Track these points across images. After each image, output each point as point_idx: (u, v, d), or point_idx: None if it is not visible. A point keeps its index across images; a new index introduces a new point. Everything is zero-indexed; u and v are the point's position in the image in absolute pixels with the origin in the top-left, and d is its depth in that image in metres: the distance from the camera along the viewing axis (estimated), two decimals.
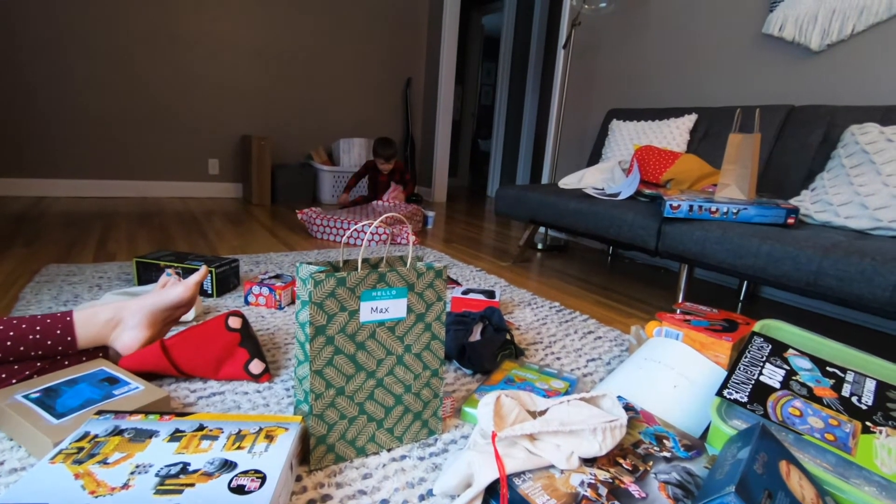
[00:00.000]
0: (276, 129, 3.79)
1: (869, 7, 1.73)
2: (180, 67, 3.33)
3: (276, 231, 2.58)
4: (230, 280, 1.54)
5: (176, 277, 1.10)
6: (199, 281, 1.07)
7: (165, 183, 3.44)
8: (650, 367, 1.00)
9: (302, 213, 2.46)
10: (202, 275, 1.07)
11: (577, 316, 1.56)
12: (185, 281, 1.05)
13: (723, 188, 1.56)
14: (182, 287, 1.04)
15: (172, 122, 3.38)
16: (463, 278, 1.93)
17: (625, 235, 1.65)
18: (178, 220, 2.69)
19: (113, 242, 2.09)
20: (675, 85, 2.37)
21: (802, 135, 1.78)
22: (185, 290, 1.04)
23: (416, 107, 4.48)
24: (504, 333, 1.16)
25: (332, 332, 0.74)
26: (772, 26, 1.99)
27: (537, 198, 2.00)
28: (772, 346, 0.92)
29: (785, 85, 1.98)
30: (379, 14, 4.06)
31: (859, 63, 1.78)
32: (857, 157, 1.47)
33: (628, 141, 2.22)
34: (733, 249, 1.36)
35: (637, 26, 2.53)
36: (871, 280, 1.10)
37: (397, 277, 0.79)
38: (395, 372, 0.81)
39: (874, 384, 0.84)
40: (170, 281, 1.09)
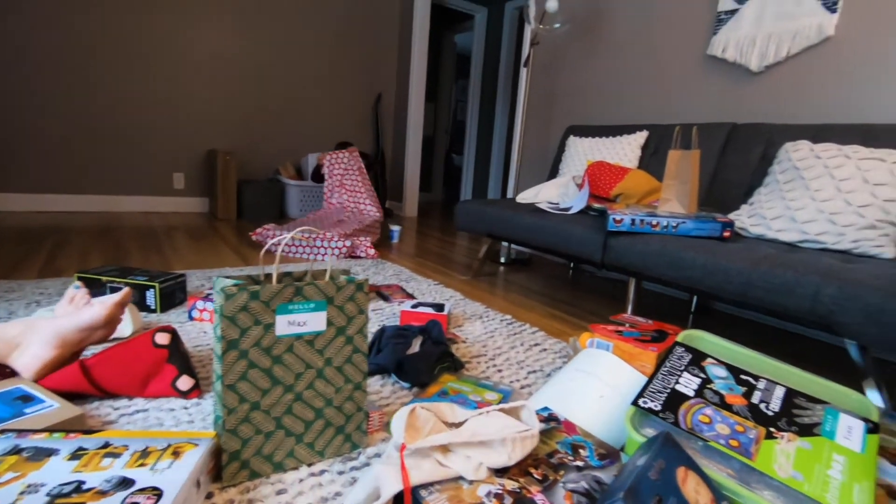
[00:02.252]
0: (244, 144, 3.78)
1: (801, 32, 1.82)
2: (145, 81, 3.30)
3: (238, 247, 2.56)
4: (176, 295, 1.51)
5: (84, 291, 1.08)
6: (119, 302, 1.03)
7: (127, 198, 3.39)
8: (580, 377, 1.01)
9: (255, 234, 2.42)
10: (123, 296, 1.05)
11: (526, 328, 1.58)
12: (104, 301, 1.02)
13: (665, 203, 1.61)
14: (99, 307, 1.01)
15: (136, 135, 3.34)
16: (420, 292, 1.93)
17: (573, 249, 1.68)
18: (136, 235, 2.64)
19: (63, 258, 2.04)
20: (628, 103, 2.44)
21: (743, 151, 1.86)
22: (102, 311, 1.01)
23: (387, 122, 4.52)
24: (443, 346, 1.17)
25: (245, 346, 0.74)
26: (715, 48, 2.07)
27: (494, 212, 2.02)
28: (692, 355, 0.95)
29: (729, 103, 2.06)
30: (349, 30, 4.10)
31: (794, 84, 1.86)
32: (789, 173, 1.54)
33: (583, 156, 2.27)
34: (672, 262, 1.40)
35: (592, 46, 2.61)
36: (793, 291, 1.15)
37: (315, 291, 0.79)
38: (315, 386, 0.81)
39: (783, 391, 0.87)
40: (77, 294, 1.07)
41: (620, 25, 2.47)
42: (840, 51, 1.74)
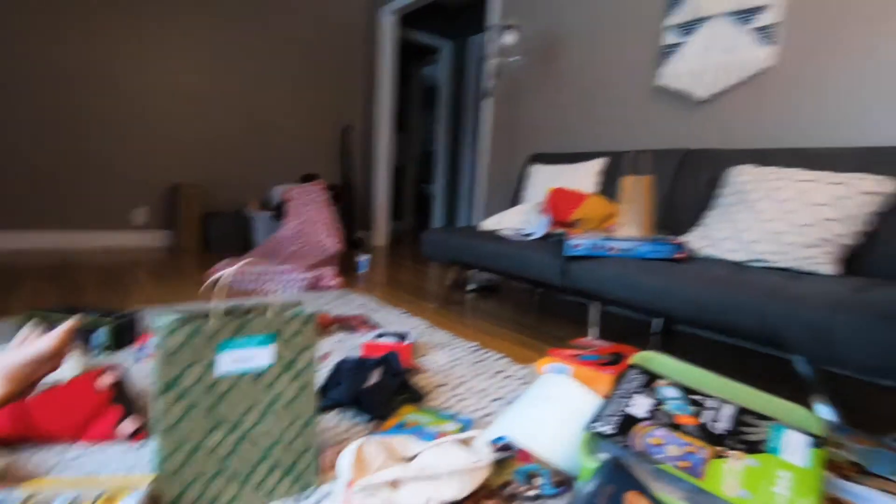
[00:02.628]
0: (210, 177, 3.74)
1: (742, 63, 1.93)
2: (107, 113, 3.25)
3: (200, 281, 2.49)
4: (126, 334, 1.46)
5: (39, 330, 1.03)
6: (67, 331, 1.00)
7: (87, 233, 3.29)
8: (538, 404, 1.01)
9: (211, 272, 2.39)
10: (71, 325, 1.01)
11: (491, 356, 1.58)
12: (50, 333, 0.98)
13: (621, 227, 1.65)
14: (46, 339, 0.97)
15: (96, 169, 3.27)
16: (386, 322, 1.91)
17: (533, 274, 1.70)
18: (94, 272, 2.55)
19: (15, 298, 1.95)
20: (586, 131, 2.53)
21: (694, 176, 1.93)
22: (49, 342, 0.97)
23: (356, 153, 4.55)
24: (401, 378, 1.15)
25: (186, 384, 0.72)
26: (664, 79, 2.18)
27: (458, 241, 2.04)
28: (645, 377, 0.96)
29: (680, 130, 2.16)
30: (318, 64, 4.16)
31: (739, 111, 1.97)
32: (735, 195, 1.60)
33: (545, 184, 2.33)
34: (629, 285, 1.43)
35: (550, 78, 2.71)
36: (742, 309, 1.18)
37: (261, 324, 0.78)
38: (262, 424, 0.79)
39: (732, 409, 0.88)
40: (32, 334, 1.02)
41: (575, 58, 2.58)
42: (778, 80, 1.85)
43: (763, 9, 1.86)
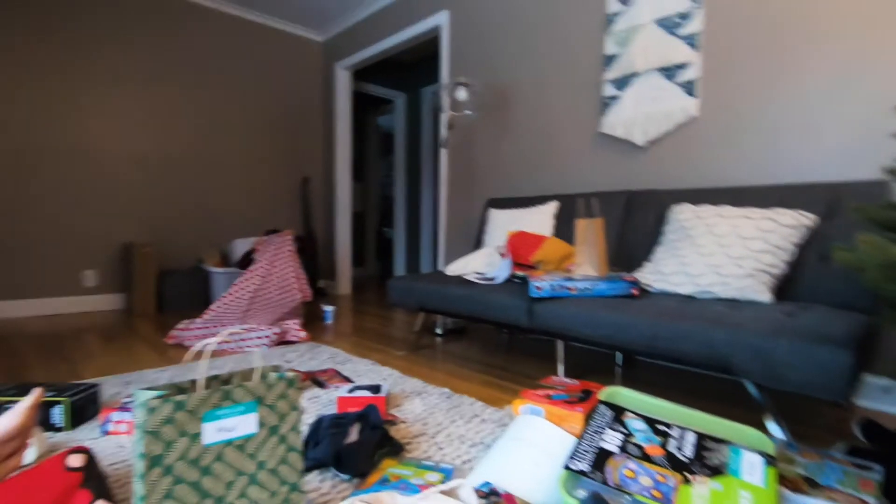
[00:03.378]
0: (164, 234, 3.65)
1: (671, 113, 2.14)
2: (44, 177, 3.16)
3: (158, 344, 2.41)
4: (88, 409, 1.40)
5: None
6: (32, 405, 0.95)
7: (26, 301, 3.11)
8: (515, 446, 1.05)
9: (170, 337, 2.38)
10: (35, 398, 0.97)
11: (465, 401, 1.60)
12: (13, 409, 0.94)
13: (578, 267, 1.76)
14: (9, 416, 0.93)
15: (36, 234, 3.13)
16: (356, 374, 1.91)
17: (501, 316, 1.77)
18: (38, 342, 2.41)
19: None
20: (540, 176, 2.69)
21: (642, 215, 2.09)
22: (13, 418, 0.92)
23: (316, 203, 4.58)
24: (380, 431, 1.16)
25: (170, 460, 0.72)
26: (606, 127, 2.37)
27: (423, 287, 2.09)
28: (613, 412, 1.02)
29: (624, 173, 2.34)
30: (273, 118, 4.22)
31: (674, 155, 2.16)
32: (678, 232, 1.75)
33: (504, 227, 2.44)
34: (589, 322, 1.51)
35: (502, 127, 2.88)
36: (690, 338, 1.28)
37: (244, 392, 0.79)
38: (248, 494, 0.79)
39: (694, 436, 0.95)
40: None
41: (523, 109, 2.76)
42: (704, 127, 2.06)
43: (685, 66, 2.09)
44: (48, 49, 3.11)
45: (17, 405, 0.97)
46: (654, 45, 2.18)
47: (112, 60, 3.36)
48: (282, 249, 2.76)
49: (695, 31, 2.06)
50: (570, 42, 2.54)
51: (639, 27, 2.24)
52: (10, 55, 2.99)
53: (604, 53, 2.39)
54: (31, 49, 3.05)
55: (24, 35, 3.03)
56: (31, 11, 3.05)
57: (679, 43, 2.10)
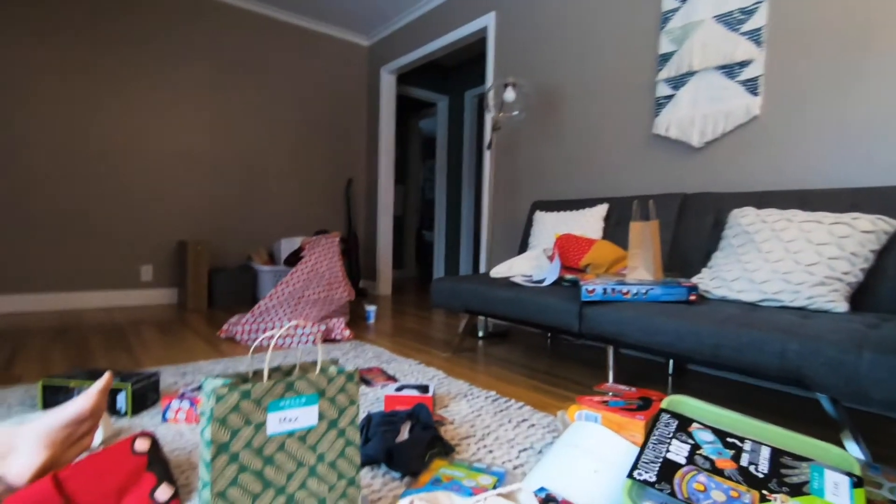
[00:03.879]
0: (215, 233, 3.79)
1: (731, 112, 2.05)
2: (110, 177, 3.33)
3: (210, 337, 2.49)
4: (149, 396, 1.45)
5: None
6: (103, 389, 1.01)
7: (89, 293, 3.29)
8: (571, 453, 1.01)
9: (223, 331, 2.47)
10: (106, 381, 1.02)
11: (512, 404, 1.57)
12: (86, 392, 0.99)
13: (632, 271, 1.70)
14: (82, 398, 0.98)
15: (101, 231, 3.31)
16: (401, 373, 1.91)
17: (550, 320, 1.73)
18: (101, 333, 2.54)
19: (21, 364, 1.94)
20: (588, 178, 2.62)
21: (697, 219, 2.00)
22: (86, 400, 0.98)
23: (358, 205, 4.65)
24: (431, 431, 1.15)
25: (236, 448, 0.72)
26: (659, 128, 2.29)
27: (469, 288, 2.07)
28: (678, 421, 0.97)
29: (678, 175, 2.25)
30: (319, 121, 4.32)
31: (733, 156, 2.06)
32: (741, 237, 1.66)
33: (550, 230, 2.39)
34: (645, 328, 1.46)
35: (549, 128, 2.84)
36: (761, 349, 1.21)
37: (306, 384, 0.79)
38: (307, 485, 0.79)
39: (769, 451, 0.89)
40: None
41: (571, 110, 2.71)
42: (767, 126, 1.96)
43: (747, 63, 1.99)
44: (116, 58, 3.29)
45: (90, 388, 1.02)
46: (714, 42, 2.09)
47: (171, 67, 3.52)
48: (329, 249, 2.81)
49: (758, 27, 1.96)
50: (623, 41, 2.47)
51: (697, 24, 2.15)
52: (84, 65, 3.18)
53: (658, 52, 2.31)
54: (100, 58, 3.24)
55: (93, 45, 3.22)
56: (101, 24, 3.24)
57: (741, 39, 2.01)
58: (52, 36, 3.08)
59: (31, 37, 3.01)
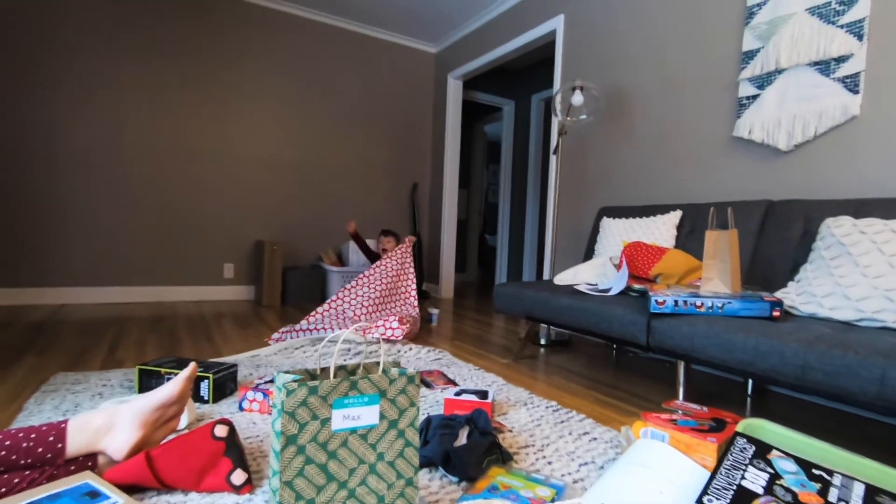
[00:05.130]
0: (289, 233, 4.02)
1: (825, 112, 1.88)
2: (198, 179, 3.63)
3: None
4: (227, 385, 1.56)
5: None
6: (189, 377, 1.10)
7: (182, 287, 3.60)
8: (636, 471, 0.97)
9: (271, 339, 2.40)
10: (191, 371, 1.11)
11: (573, 416, 1.53)
12: (174, 378, 1.10)
13: (707, 282, 1.60)
14: (171, 384, 1.08)
15: (190, 230, 3.62)
16: (461, 377, 1.92)
17: (615, 331, 1.66)
18: (188, 324, 2.77)
19: (122, 349, 2.15)
20: (660, 184, 2.50)
21: (783, 228, 1.85)
22: (175, 387, 1.08)
23: (423, 209, 4.74)
24: (490, 437, 1.15)
25: (303, 441, 0.77)
26: (741, 130, 2.14)
27: (532, 295, 2.04)
28: (755, 447, 0.90)
29: (761, 182, 2.09)
30: (387, 126, 4.46)
31: (827, 161, 1.89)
32: (834, 249, 1.51)
33: (618, 237, 2.31)
34: (721, 344, 1.37)
35: (618, 133, 2.74)
36: (857, 374, 1.09)
37: (369, 384, 0.82)
38: (367, 482, 0.81)
39: (863, 488, 0.81)
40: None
41: (643, 113, 2.60)
42: (867, 127, 1.77)
43: (846, 58, 1.82)
44: (206, 71, 3.59)
45: (178, 376, 1.12)
46: (806, 36, 1.92)
47: (252, 77, 3.79)
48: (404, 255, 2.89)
49: (860, 18, 1.78)
50: (701, 39, 2.34)
51: (786, 17, 1.99)
52: (180, 79, 3.50)
53: (741, 50, 2.16)
54: (191, 73, 3.55)
55: (184, 59, 3.53)
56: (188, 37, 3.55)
57: (839, 32, 1.83)
58: (152, 56, 3.41)
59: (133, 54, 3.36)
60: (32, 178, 3.11)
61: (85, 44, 3.21)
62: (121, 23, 3.30)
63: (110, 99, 3.30)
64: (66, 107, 3.18)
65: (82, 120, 3.22)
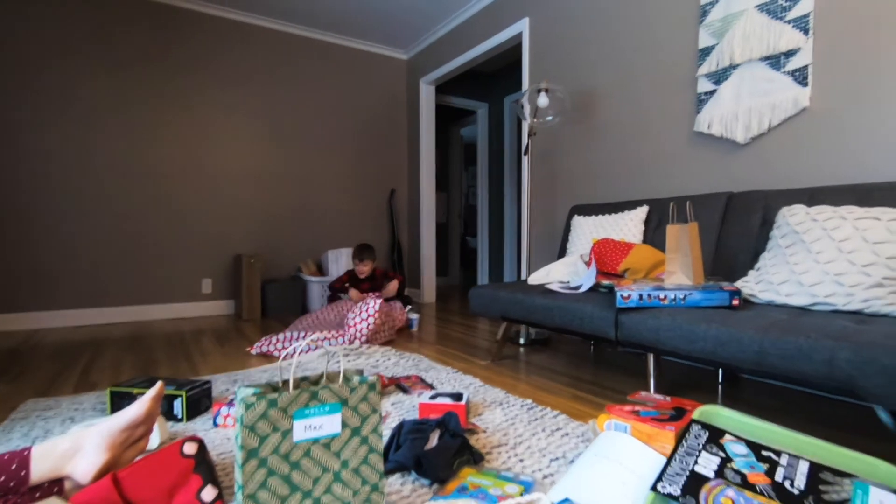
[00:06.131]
0: (267, 246, 4.00)
1: (778, 105, 1.94)
2: (173, 197, 3.60)
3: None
4: (202, 402, 1.56)
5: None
6: (156, 396, 1.10)
7: (159, 306, 3.56)
8: (599, 463, 1.00)
9: (252, 347, 2.46)
10: (158, 390, 1.11)
11: (547, 413, 1.56)
12: (141, 399, 1.09)
13: (670, 275, 1.64)
14: (137, 404, 1.08)
15: (166, 247, 3.58)
16: (439, 381, 1.94)
17: (587, 327, 1.70)
18: (165, 342, 2.74)
19: (97, 371, 2.13)
20: (627, 180, 2.56)
21: (743, 219, 1.91)
22: (141, 406, 1.07)
23: (402, 214, 4.75)
24: (460, 439, 1.17)
25: (264, 453, 0.78)
26: (701, 125, 2.21)
27: (506, 296, 2.07)
28: (709, 433, 0.94)
29: (722, 174, 2.15)
30: (361, 136, 4.47)
31: (781, 151, 1.95)
32: (790, 237, 1.57)
33: (589, 235, 2.35)
34: (684, 335, 1.41)
35: (586, 132, 2.79)
36: (808, 357, 1.14)
37: (329, 394, 0.84)
38: (332, 490, 0.83)
39: (808, 466, 0.84)
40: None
41: (608, 112, 2.66)
42: (818, 118, 1.84)
43: (794, 52, 1.89)
44: (171, 86, 3.57)
45: (144, 395, 1.12)
46: (757, 32, 1.99)
47: (223, 92, 3.77)
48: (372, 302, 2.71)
49: (805, 13, 1.85)
50: (658, 38, 2.40)
51: (738, 14, 2.06)
52: (144, 94, 3.47)
53: (697, 47, 2.23)
54: (156, 88, 3.52)
55: (150, 76, 3.51)
56: (165, 57, 3.52)
57: (786, 28, 1.90)
58: (117, 69, 3.38)
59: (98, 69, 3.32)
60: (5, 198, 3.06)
61: (52, 60, 3.17)
62: (91, 38, 3.26)
63: (80, 118, 3.25)
64: (33, 126, 3.13)
65: (50, 137, 3.17)
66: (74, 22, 3.24)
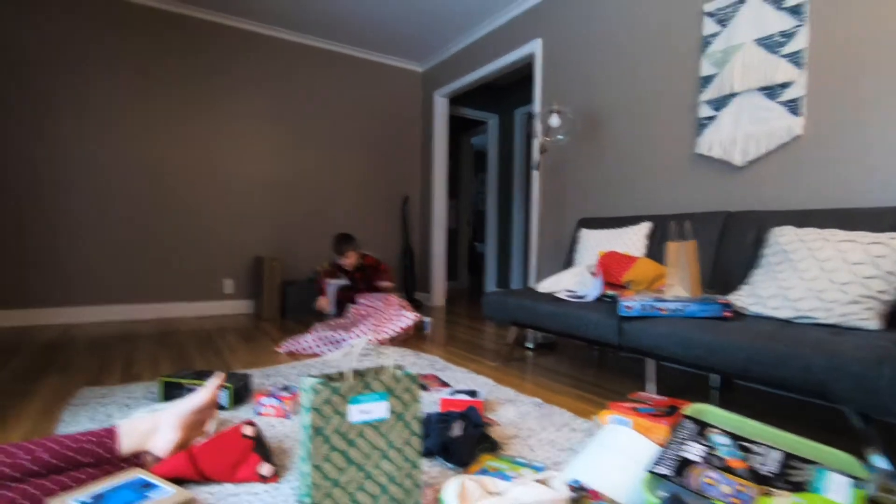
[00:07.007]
0: (287, 249, 4.18)
1: (773, 132, 2.10)
2: (197, 199, 3.79)
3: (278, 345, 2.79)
4: (243, 393, 1.73)
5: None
6: (217, 386, 1.28)
7: (182, 304, 3.74)
8: (603, 451, 1.16)
9: (279, 347, 2.66)
10: (220, 379, 1.29)
11: (555, 411, 1.72)
12: (205, 386, 1.27)
13: (670, 288, 1.80)
14: (204, 391, 1.25)
15: (190, 248, 3.76)
16: (454, 380, 2.10)
17: (591, 333, 1.86)
18: (194, 338, 2.92)
19: (137, 364, 2.30)
20: (632, 197, 2.72)
21: (739, 237, 2.07)
22: (207, 393, 1.25)
23: (414, 220, 4.92)
24: (481, 429, 1.33)
25: (328, 432, 0.94)
26: (702, 147, 2.37)
27: (516, 302, 2.24)
28: (697, 426, 1.10)
29: (721, 194, 2.31)
30: (378, 145, 4.65)
31: (776, 175, 2.11)
32: (779, 255, 1.73)
33: (595, 247, 2.51)
34: (681, 342, 1.57)
35: (595, 149, 2.96)
36: (787, 364, 1.30)
37: (379, 384, 1.00)
38: (380, 465, 0.99)
39: (780, 455, 1.00)
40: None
41: (615, 133, 2.82)
42: (809, 146, 2.00)
43: (788, 84, 2.05)
44: (201, 94, 3.76)
45: (207, 384, 1.29)
46: (755, 64, 2.15)
47: (247, 100, 3.96)
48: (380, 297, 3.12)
49: (798, 49, 2.02)
50: (664, 65, 2.57)
51: (737, 47, 2.22)
52: (168, 102, 3.66)
53: (700, 75, 2.39)
54: (188, 94, 3.71)
55: (181, 84, 3.70)
56: (185, 64, 3.72)
57: (782, 61, 2.06)
58: (152, 81, 3.58)
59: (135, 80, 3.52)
60: (36, 199, 3.25)
61: (81, 64, 3.36)
62: (119, 48, 3.46)
63: (113, 123, 3.45)
64: (70, 128, 3.32)
65: (87, 141, 3.37)
66: (96, 27, 3.43)
